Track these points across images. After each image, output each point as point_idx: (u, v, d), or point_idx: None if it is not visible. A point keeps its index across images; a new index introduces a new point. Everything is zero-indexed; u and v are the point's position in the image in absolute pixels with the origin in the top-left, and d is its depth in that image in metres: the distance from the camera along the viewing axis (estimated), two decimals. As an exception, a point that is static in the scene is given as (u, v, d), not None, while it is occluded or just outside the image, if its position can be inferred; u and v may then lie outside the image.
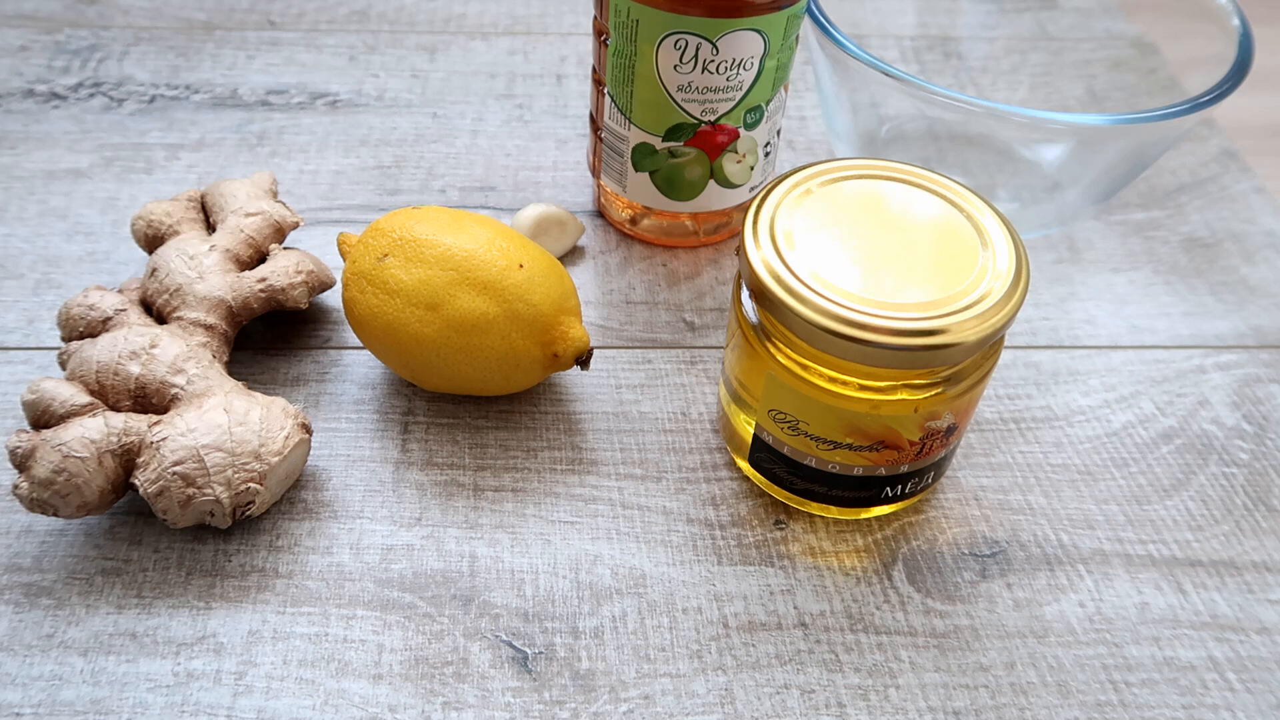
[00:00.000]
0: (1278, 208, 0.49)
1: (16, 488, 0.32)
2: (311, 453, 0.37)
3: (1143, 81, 0.50)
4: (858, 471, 0.32)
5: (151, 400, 0.34)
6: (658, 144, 0.40)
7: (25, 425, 0.37)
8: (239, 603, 0.32)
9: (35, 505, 0.32)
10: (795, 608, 0.33)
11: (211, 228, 0.40)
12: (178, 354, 0.34)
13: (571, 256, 0.44)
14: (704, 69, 0.38)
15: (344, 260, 0.37)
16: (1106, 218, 0.48)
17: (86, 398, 0.33)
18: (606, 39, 0.39)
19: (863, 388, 0.30)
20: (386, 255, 0.35)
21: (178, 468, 0.32)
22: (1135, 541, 0.35)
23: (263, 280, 0.38)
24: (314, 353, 0.40)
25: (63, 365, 0.35)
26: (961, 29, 0.56)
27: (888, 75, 0.38)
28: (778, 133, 0.42)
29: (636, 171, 0.42)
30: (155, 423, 0.33)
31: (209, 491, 0.32)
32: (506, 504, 0.35)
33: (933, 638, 0.32)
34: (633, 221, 0.44)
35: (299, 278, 0.38)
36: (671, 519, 0.35)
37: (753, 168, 0.42)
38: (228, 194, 0.40)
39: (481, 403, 0.38)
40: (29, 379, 0.38)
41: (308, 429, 0.35)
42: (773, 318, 0.30)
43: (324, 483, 0.36)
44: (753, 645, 0.32)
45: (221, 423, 0.33)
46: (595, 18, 0.40)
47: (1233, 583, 0.34)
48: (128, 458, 0.32)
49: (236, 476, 0.32)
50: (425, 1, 0.59)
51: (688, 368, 0.40)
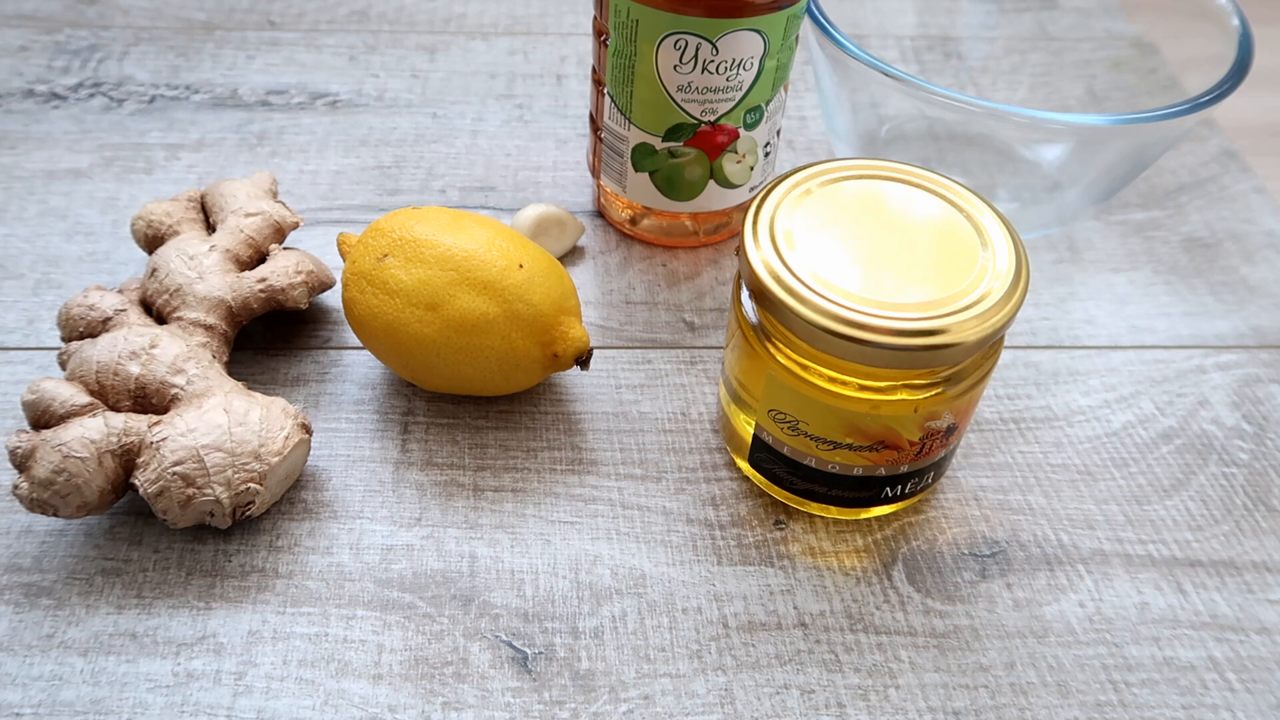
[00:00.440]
0: (1278, 208, 0.49)
1: (16, 488, 0.32)
2: (311, 453, 0.37)
3: (1143, 81, 0.50)
4: (857, 471, 0.32)
5: (151, 400, 0.34)
6: (657, 144, 0.40)
7: (25, 425, 0.37)
8: (239, 603, 0.32)
9: (35, 505, 0.32)
10: (795, 608, 0.33)
11: (211, 228, 0.40)
12: (178, 354, 0.34)
13: (571, 256, 0.44)
14: (704, 69, 0.38)
15: (344, 260, 0.37)
16: (1106, 218, 0.48)
17: (86, 398, 0.33)
18: (606, 39, 0.39)
19: (863, 388, 0.30)
20: (386, 255, 0.35)
21: (178, 468, 0.32)
22: (1135, 541, 0.35)
23: (263, 280, 0.38)
24: (314, 353, 0.40)
25: (63, 365, 0.35)
26: (961, 29, 0.56)
27: (888, 75, 0.38)
28: (778, 133, 0.42)
29: (636, 171, 0.42)
30: (155, 423, 0.33)
31: (209, 492, 0.32)
32: (506, 504, 0.35)
33: (933, 638, 0.32)
34: (632, 221, 0.44)
35: (299, 278, 0.38)
36: (671, 519, 0.35)
37: (752, 168, 0.42)
38: (228, 194, 0.40)
39: (481, 403, 0.38)
40: (29, 379, 0.38)
41: (308, 429, 0.35)
42: (772, 318, 0.30)
43: (324, 483, 0.36)
44: (752, 645, 0.32)
45: (221, 423, 0.33)
46: (595, 18, 0.40)
47: (1233, 583, 0.34)
48: (128, 458, 0.32)
49: (236, 476, 0.32)
50: (425, 1, 0.59)
51: (688, 368, 0.40)
